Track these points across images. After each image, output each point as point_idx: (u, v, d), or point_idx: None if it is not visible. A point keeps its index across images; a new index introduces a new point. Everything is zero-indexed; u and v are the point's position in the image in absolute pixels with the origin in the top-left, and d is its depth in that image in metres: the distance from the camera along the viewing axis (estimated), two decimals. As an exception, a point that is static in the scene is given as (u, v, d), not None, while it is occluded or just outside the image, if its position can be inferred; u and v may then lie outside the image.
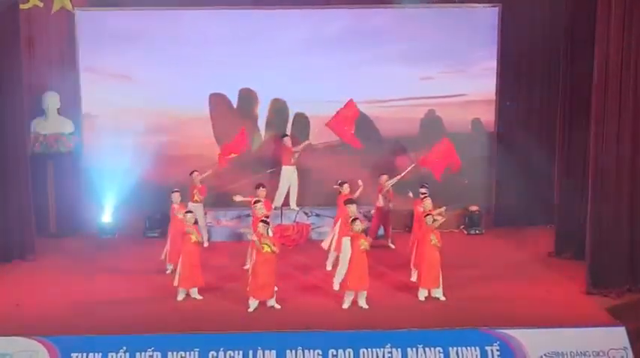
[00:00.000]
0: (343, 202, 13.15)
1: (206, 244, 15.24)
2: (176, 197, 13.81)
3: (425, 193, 13.72)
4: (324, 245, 13.81)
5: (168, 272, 13.50)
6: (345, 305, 11.93)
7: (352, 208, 12.68)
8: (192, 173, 15.11)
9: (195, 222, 14.32)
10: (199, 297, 12.39)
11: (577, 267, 13.30)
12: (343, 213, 13.03)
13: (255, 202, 12.95)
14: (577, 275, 12.96)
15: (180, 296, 12.34)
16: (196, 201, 14.89)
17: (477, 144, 16.84)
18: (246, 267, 13.36)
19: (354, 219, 11.97)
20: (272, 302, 11.92)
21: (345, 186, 14.00)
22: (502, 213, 16.90)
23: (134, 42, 16.25)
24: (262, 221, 11.93)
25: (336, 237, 13.54)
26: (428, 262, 12.23)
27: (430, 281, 12.25)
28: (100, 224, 16.32)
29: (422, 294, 12.32)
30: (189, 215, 12.64)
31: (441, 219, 12.54)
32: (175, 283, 12.50)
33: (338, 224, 13.54)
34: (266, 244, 11.69)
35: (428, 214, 12.46)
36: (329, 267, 13.54)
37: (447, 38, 16.41)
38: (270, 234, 11.96)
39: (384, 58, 16.43)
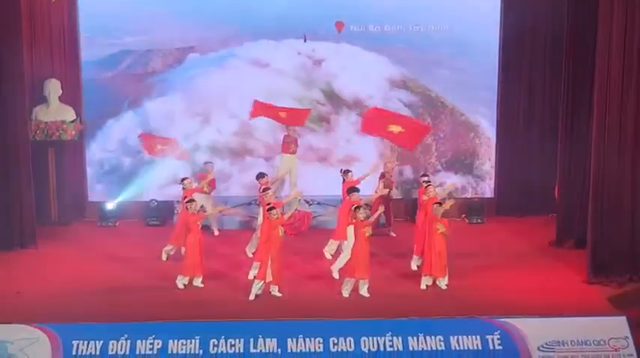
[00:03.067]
0: (346, 190, 13.13)
1: (217, 233, 15.23)
2: (187, 183, 13.79)
3: (428, 181, 13.68)
4: (327, 254, 13.69)
5: (164, 258, 13.59)
6: (345, 294, 11.93)
7: (355, 196, 12.69)
8: (206, 163, 15.11)
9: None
10: (201, 285, 12.41)
11: (578, 256, 13.31)
12: (347, 201, 13.01)
13: (265, 190, 12.91)
14: (578, 265, 12.97)
15: (181, 284, 12.35)
16: (205, 192, 14.87)
17: (479, 131, 16.83)
18: (249, 255, 13.38)
19: (358, 207, 11.97)
20: (274, 290, 11.94)
21: (350, 174, 13.97)
22: (503, 202, 16.87)
23: (136, 30, 16.22)
24: (270, 208, 11.90)
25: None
26: (436, 251, 12.19)
27: (439, 269, 12.23)
28: (101, 212, 16.30)
29: (424, 282, 12.31)
30: (192, 204, 12.58)
31: (447, 206, 12.45)
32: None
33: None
34: (280, 228, 11.86)
35: (436, 202, 12.42)
36: (328, 256, 13.52)
37: (449, 22, 16.32)
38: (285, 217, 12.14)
39: (385, 43, 16.40)
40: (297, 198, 14.25)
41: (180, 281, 12.35)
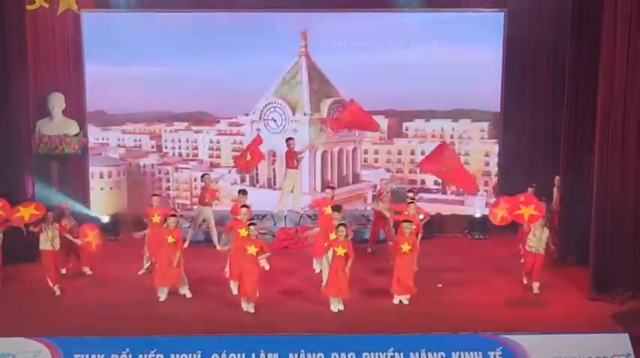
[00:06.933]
0: (331, 208, 13.09)
1: (219, 247, 15.22)
2: (155, 201, 13.81)
3: (413, 199, 13.67)
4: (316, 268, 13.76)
5: (140, 272, 13.67)
6: (334, 309, 11.92)
7: (337, 215, 12.64)
8: (203, 175, 15.16)
9: (206, 225, 14.34)
10: (189, 295, 12.45)
11: (581, 272, 13.28)
12: (328, 219, 13.01)
13: (242, 207, 12.91)
14: (581, 281, 12.95)
15: (162, 296, 12.38)
16: (207, 204, 14.90)
17: (482, 149, 16.84)
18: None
19: (339, 225, 11.97)
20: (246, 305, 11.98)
21: (328, 191, 14.02)
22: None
23: (139, 44, 16.29)
24: (251, 223, 11.96)
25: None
26: (402, 271, 12.15)
27: (403, 288, 12.23)
28: (104, 226, 16.31)
29: (396, 300, 12.34)
30: (171, 219, 12.50)
31: (412, 227, 12.39)
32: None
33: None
34: (252, 247, 11.78)
35: (405, 220, 12.41)
36: (317, 270, 13.55)
37: (453, 42, 16.38)
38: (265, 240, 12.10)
39: (390, 63, 16.47)
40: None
41: (161, 294, 12.40)
